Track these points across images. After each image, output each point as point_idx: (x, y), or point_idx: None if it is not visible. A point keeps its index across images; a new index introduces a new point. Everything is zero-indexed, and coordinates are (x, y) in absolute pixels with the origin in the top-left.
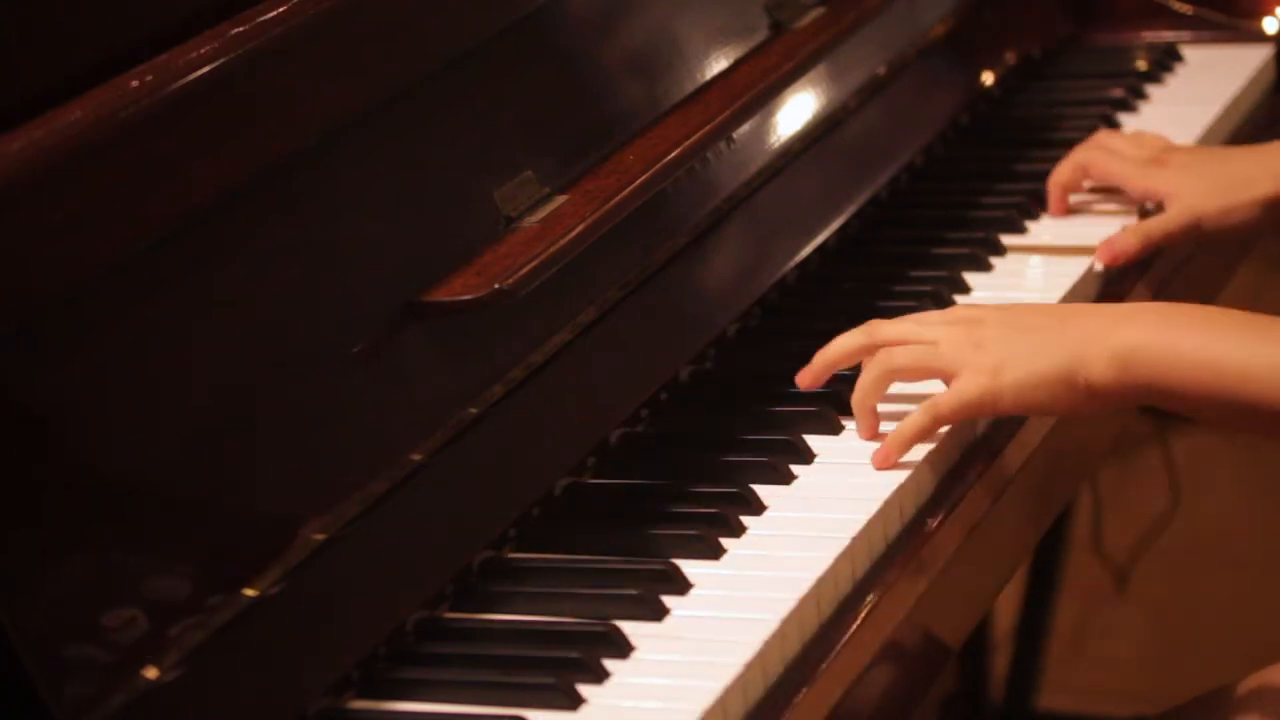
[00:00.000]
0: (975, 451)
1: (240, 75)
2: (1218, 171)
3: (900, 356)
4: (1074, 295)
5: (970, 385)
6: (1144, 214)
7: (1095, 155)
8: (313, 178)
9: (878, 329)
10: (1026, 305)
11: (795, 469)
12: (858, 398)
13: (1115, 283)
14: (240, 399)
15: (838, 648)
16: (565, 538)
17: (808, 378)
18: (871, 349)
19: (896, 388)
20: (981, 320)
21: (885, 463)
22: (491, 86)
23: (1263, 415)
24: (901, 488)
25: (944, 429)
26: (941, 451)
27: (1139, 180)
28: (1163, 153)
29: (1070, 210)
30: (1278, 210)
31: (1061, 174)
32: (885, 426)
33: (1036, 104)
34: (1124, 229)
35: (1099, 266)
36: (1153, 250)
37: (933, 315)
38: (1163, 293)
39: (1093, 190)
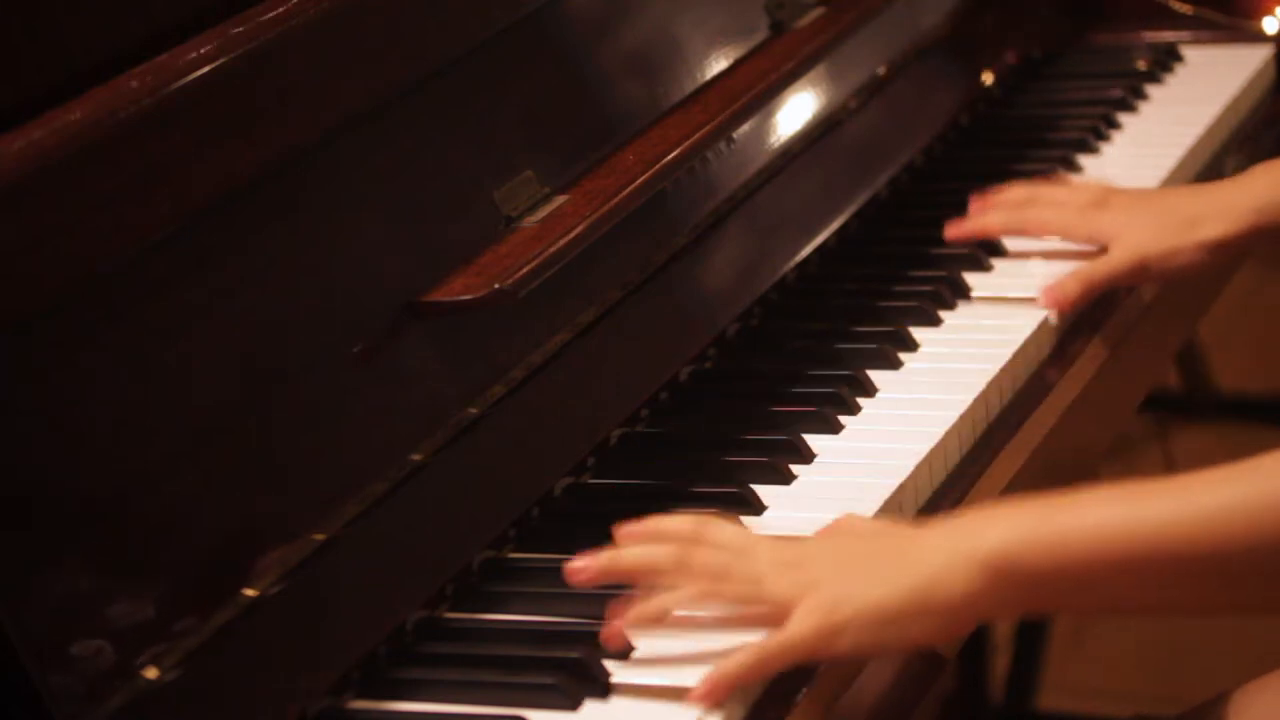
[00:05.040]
0: (976, 452)
1: (240, 75)
2: (1162, 211)
3: (729, 588)
4: None
5: (801, 626)
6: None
7: (1030, 212)
8: (313, 178)
9: (694, 552)
10: (849, 536)
11: (795, 469)
12: (655, 609)
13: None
14: (240, 399)
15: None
16: (565, 538)
17: (585, 575)
18: (679, 568)
19: None
20: (808, 558)
21: (708, 701)
22: (491, 86)
23: (1194, 571)
24: (901, 489)
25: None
26: (942, 451)
27: (1081, 226)
28: (1104, 194)
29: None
30: (1225, 252)
31: (991, 223)
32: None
33: (1036, 104)
34: (1068, 274)
35: (1052, 319)
36: (1097, 295)
37: (758, 548)
38: (1164, 293)
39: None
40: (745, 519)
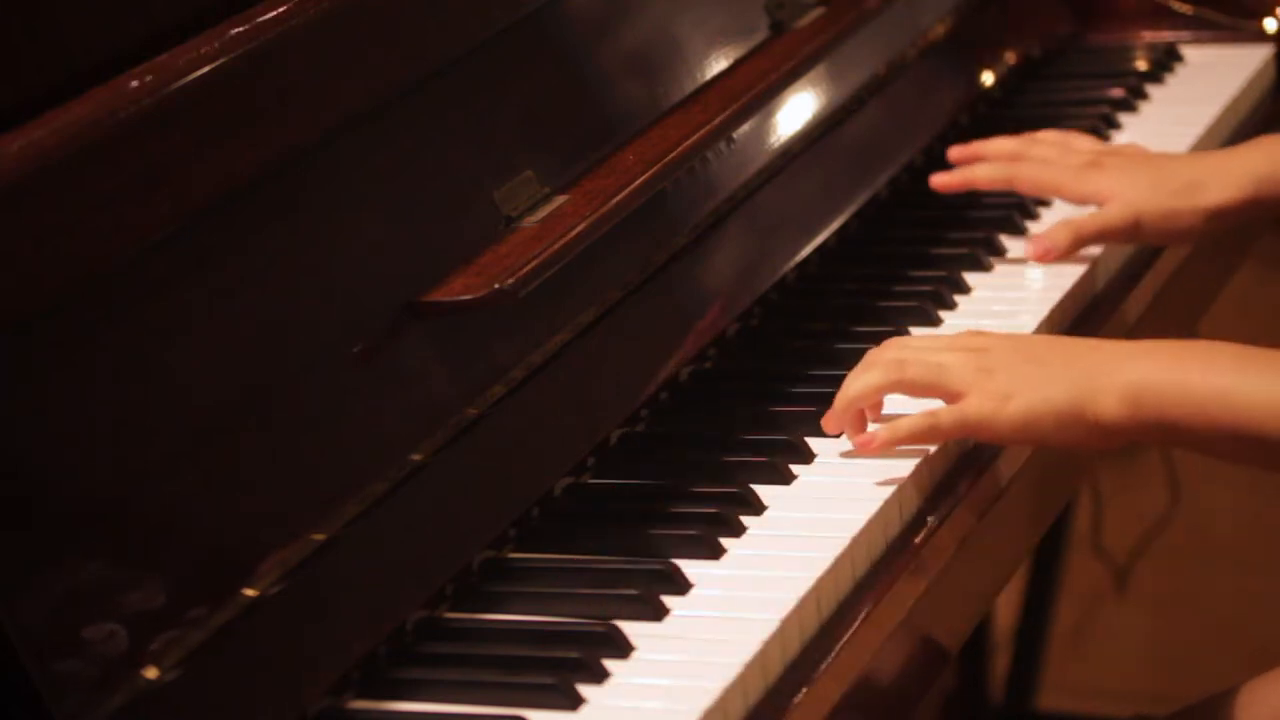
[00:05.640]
0: (975, 451)
1: (241, 75)
2: (1161, 173)
3: (912, 370)
4: (1073, 295)
5: (975, 406)
6: None
7: (1021, 168)
8: (313, 178)
9: (884, 350)
10: (1033, 336)
11: (795, 469)
12: (852, 393)
13: (1116, 284)
14: (240, 399)
15: (838, 648)
16: (565, 538)
17: (831, 423)
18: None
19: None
20: (988, 348)
21: (865, 448)
22: (491, 86)
23: (1268, 448)
24: (901, 487)
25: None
26: (941, 451)
27: (1076, 185)
28: (1098, 155)
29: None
30: (1222, 220)
31: (979, 175)
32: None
33: (1036, 104)
34: (1057, 224)
35: (1033, 262)
36: (1086, 246)
37: (940, 340)
38: (1164, 292)
39: None
40: (745, 519)
